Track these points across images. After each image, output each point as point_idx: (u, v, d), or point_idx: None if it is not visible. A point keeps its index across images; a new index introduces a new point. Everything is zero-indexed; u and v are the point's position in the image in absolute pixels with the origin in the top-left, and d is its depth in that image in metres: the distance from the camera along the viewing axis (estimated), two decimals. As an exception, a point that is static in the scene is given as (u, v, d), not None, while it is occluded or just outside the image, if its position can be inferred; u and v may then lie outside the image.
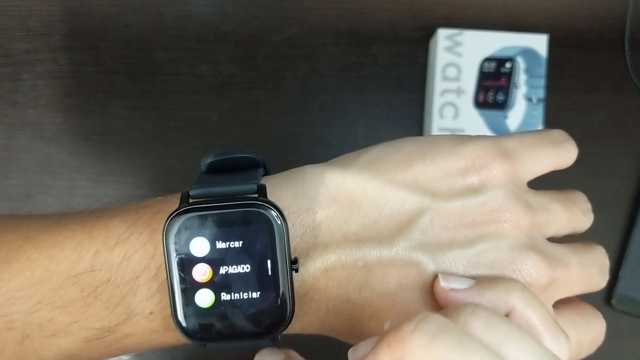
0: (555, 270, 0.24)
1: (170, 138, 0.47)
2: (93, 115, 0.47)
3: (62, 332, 0.24)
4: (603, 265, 0.26)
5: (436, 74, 0.44)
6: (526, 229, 0.24)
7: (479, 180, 0.24)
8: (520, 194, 0.24)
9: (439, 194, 0.24)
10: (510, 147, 0.25)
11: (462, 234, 0.24)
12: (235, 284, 0.22)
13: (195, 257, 0.22)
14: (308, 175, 0.25)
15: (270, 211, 0.22)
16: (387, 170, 0.24)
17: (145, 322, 0.24)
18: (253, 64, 0.47)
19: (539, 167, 0.26)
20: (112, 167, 0.47)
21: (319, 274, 0.24)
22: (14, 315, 0.23)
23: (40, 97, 0.47)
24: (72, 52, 0.47)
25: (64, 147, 0.47)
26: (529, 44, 0.44)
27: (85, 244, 0.24)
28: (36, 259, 0.24)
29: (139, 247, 0.24)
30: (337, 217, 0.24)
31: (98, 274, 0.23)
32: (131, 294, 0.23)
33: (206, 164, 0.25)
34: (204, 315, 0.23)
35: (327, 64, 0.47)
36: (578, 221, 0.26)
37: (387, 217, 0.24)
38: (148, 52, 0.47)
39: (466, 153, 0.24)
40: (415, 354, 0.18)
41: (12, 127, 0.46)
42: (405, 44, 0.47)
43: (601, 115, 0.48)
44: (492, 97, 0.44)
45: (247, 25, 0.47)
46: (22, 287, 0.23)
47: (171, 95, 0.47)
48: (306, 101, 0.47)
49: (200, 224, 0.22)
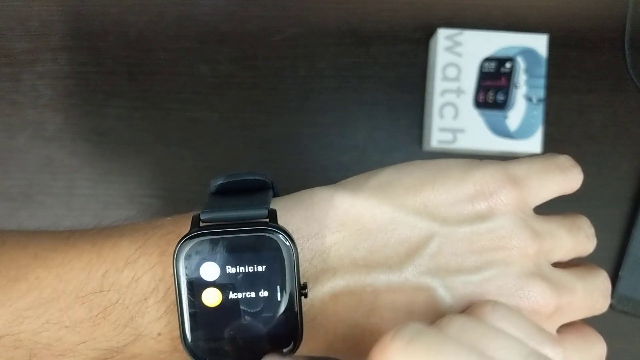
0: (561, 297, 0.24)
1: (170, 138, 0.47)
2: (93, 115, 0.47)
3: (70, 352, 0.24)
4: (606, 289, 0.26)
5: (436, 74, 0.44)
6: (533, 256, 0.24)
7: (487, 207, 0.24)
8: (527, 221, 0.25)
9: (448, 220, 0.24)
10: (518, 173, 0.25)
11: (470, 260, 0.24)
12: (245, 309, 0.22)
13: (205, 281, 0.22)
14: (317, 198, 0.25)
15: (281, 237, 0.22)
16: (397, 195, 0.24)
17: (152, 343, 0.24)
18: (253, 64, 0.47)
19: (547, 193, 0.26)
20: (112, 167, 0.47)
21: (327, 299, 0.24)
22: (22, 334, 0.23)
23: (40, 97, 0.47)
24: (72, 52, 0.47)
25: (64, 147, 0.46)
26: (529, 44, 0.44)
27: (94, 264, 0.24)
28: (45, 278, 0.24)
29: (148, 268, 0.24)
30: (346, 242, 0.24)
31: (107, 294, 0.24)
32: (140, 315, 0.24)
33: (216, 185, 0.25)
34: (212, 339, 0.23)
35: (327, 64, 0.47)
36: (583, 246, 0.26)
37: (396, 242, 0.24)
38: (148, 52, 0.47)
39: (475, 179, 0.24)
40: (394, 358, 0.18)
41: (12, 127, 0.46)
42: (405, 44, 0.47)
43: (601, 115, 0.48)
44: (492, 97, 0.44)
45: (247, 25, 0.47)
46: (31, 306, 0.23)
47: (171, 95, 0.47)
48: (306, 101, 0.47)
49: (211, 248, 0.22)
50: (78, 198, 0.47)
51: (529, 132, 0.44)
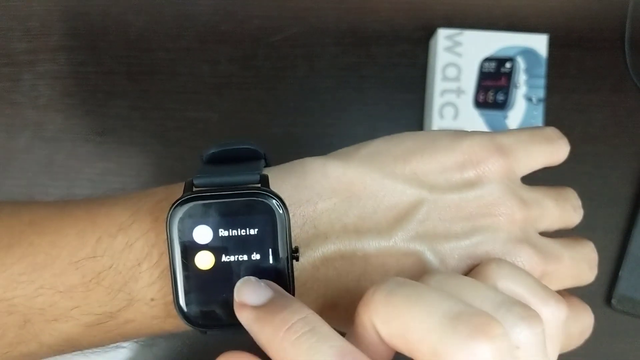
0: (548, 264, 0.25)
1: (170, 138, 0.47)
2: (93, 115, 0.47)
3: (63, 317, 0.24)
4: (592, 260, 0.27)
5: (436, 74, 0.44)
6: (520, 223, 0.25)
7: (475, 175, 0.25)
8: (515, 189, 0.25)
9: (437, 187, 0.25)
10: (506, 143, 0.26)
11: (458, 226, 0.24)
12: (237, 272, 0.22)
13: (198, 244, 0.22)
14: (309, 167, 0.25)
15: (273, 201, 0.22)
16: (386, 163, 0.25)
17: (146, 308, 0.24)
18: (253, 64, 0.47)
19: (533, 163, 0.26)
20: (112, 167, 0.47)
21: (318, 263, 0.24)
22: (16, 299, 0.24)
23: (40, 97, 0.47)
24: (72, 52, 0.47)
25: (64, 147, 0.47)
26: (529, 44, 0.44)
27: (88, 231, 0.24)
28: (38, 245, 0.24)
29: (141, 234, 0.24)
30: (337, 209, 0.24)
31: (100, 260, 0.24)
32: (133, 281, 0.24)
33: (209, 154, 0.25)
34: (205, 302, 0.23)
35: (327, 64, 0.47)
36: (569, 217, 0.27)
37: (385, 208, 0.24)
38: (148, 52, 0.47)
39: (464, 148, 0.25)
40: (377, 310, 0.19)
41: (12, 127, 0.46)
42: (405, 44, 0.47)
43: (601, 115, 0.48)
44: (492, 97, 0.44)
45: (247, 25, 0.47)
46: (24, 271, 0.24)
47: (171, 95, 0.47)
48: (306, 101, 0.47)
49: (204, 212, 0.22)
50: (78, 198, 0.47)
51: (529, 132, 0.44)
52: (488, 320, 0.18)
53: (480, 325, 0.17)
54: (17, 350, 0.25)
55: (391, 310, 0.19)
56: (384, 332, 0.19)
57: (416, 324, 0.18)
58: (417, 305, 0.18)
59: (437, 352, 0.17)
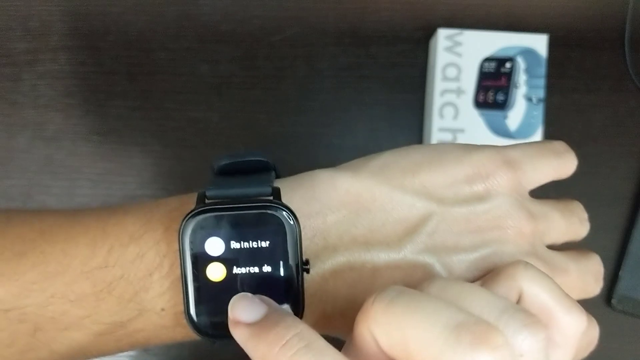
0: (555, 277, 0.24)
1: (170, 138, 0.47)
2: (93, 115, 0.47)
3: (74, 326, 0.24)
4: (598, 272, 0.27)
5: (436, 74, 0.44)
6: (528, 236, 0.25)
7: (484, 188, 0.25)
8: (523, 203, 0.25)
9: (445, 200, 0.25)
10: (514, 157, 0.26)
11: (467, 239, 0.24)
12: (248, 284, 0.23)
13: (209, 256, 0.22)
14: (318, 179, 0.25)
15: (284, 213, 0.22)
16: (395, 176, 0.25)
17: (156, 318, 0.24)
18: (253, 64, 0.47)
19: (541, 176, 0.26)
20: (112, 167, 0.47)
21: (328, 275, 0.24)
22: (28, 308, 0.24)
23: (40, 97, 0.47)
24: (72, 52, 0.47)
25: (64, 147, 0.47)
26: (529, 44, 0.44)
27: (99, 240, 0.24)
28: (50, 253, 0.24)
29: (153, 244, 0.24)
30: (347, 221, 0.24)
31: (111, 270, 0.24)
32: (144, 291, 0.24)
33: (220, 166, 0.25)
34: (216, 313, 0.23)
35: (327, 64, 0.47)
36: (576, 230, 0.27)
37: (394, 221, 0.24)
38: (148, 52, 0.47)
39: (472, 162, 0.25)
40: (377, 320, 0.19)
41: (12, 127, 0.46)
42: (405, 44, 0.47)
43: (601, 115, 0.48)
44: (492, 97, 0.44)
45: (247, 25, 0.47)
46: (36, 280, 0.24)
47: (171, 95, 0.47)
48: (306, 101, 0.47)
49: (216, 224, 0.22)
50: (78, 198, 0.47)
51: (528, 132, 0.44)
52: (489, 329, 0.18)
53: (481, 335, 0.17)
54: (26, 358, 0.25)
55: (391, 320, 0.19)
56: (383, 342, 0.19)
57: (417, 334, 0.18)
58: (418, 315, 0.18)
59: None
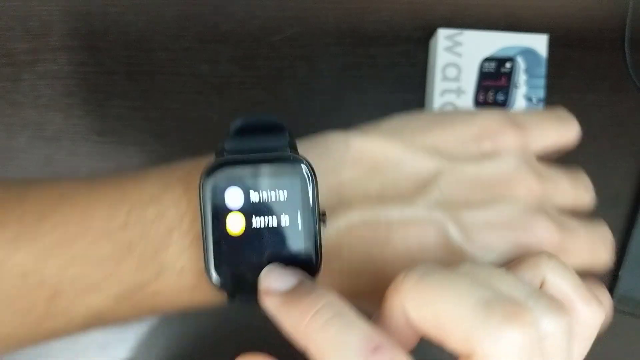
0: (565, 237, 0.25)
1: (170, 138, 0.47)
2: (93, 115, 0.47)
3: (94, 288, 0.24)
4: (608, 240, 0.27)
5: (436, 74, 0.44)
6: (537, 195, 0.25)
7: (492, 147, 0.26)
8: (530, 162, 0.26)
9: (455, 158, 0.25)
10: (520, 119, 0.27)
11: (477, 195, 0.25)
12: (267, 236, 0.23)
13: (229, 208, 0.22)
14: (331, 139, 0.26)
15: (302, 165, 0.23)
16: (407, 135, 0.26)
17: (175, 278, 0.24)
18: (253, 64, 0.47)
19: (547, 139, 0.27)
20: (112, 167, 0.47)
21: (343, 231, 0.24)
22: (47, 270, 0.24)
23: (40, 97, 0.47)
24: (72, 52, 0.47)
25: (64, 147, 0.47)
26: (529, 44, 0.44)
27: (119, 202, 0.24)
28: (70, 215, 0.24)
29: (172, 203, 0.24)
30: (360, 178, 0.25)
31: (132, 229, 0.24)
32: (164, 249, 0.24)
33: (236, 126, 0.25)
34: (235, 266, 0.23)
35: (327, 64, 0.47)
36: (581, 196, 0.28)
37: (407, 178, 0.25)
38: (148, 52, 0.47)
39: (480, 122, 0.26)
40: (407, 297, 0.19)
41: (12, 127, 0.46)
42: (405, 44, 0.47)
43: (601, 115, 0.48)
44: (492, 97, 0.44)
45: (247, 25, 0.47)
46: (56, 242, 0.24)
47: (171, 95, 0.47)
48: (306, 101, 0.47)
49: (236, 176, 0.22)
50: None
51: (529, 132, 0.44)
52: (520, 307, 0.18)
53: (512, 311, 0.18)
54: (43, 327, 0.25)
55: (423, 295, 0.19)
56: (414, 317, 0.19)
57: (449, 310, 0.18)
58: (450, 291, 0.19)
59: (469, 338, 0.18)
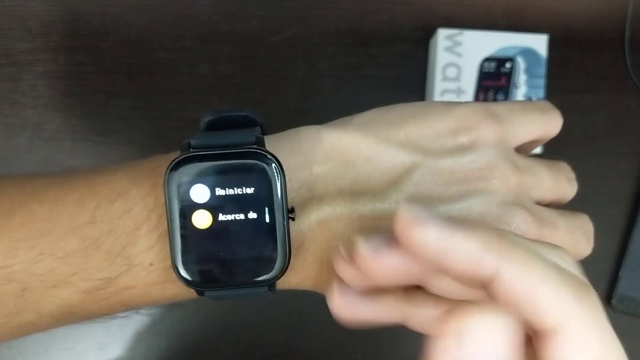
0: (543, 228, 0.25)
1: (170, 138, 0.47)
2: (93, 115, 0.47)
3: (62, 283, 0.24)
4: (588, 231, 0.27)
5: (436, 74, 0.44)
6: (514, 188, 0.25)
7: (468, 140, 0.25)
8: (508, 155, 0.25)
9: (431, 152, 0.25)
10: (499, 111, 0.26)
11: (452, 189, 0.24)
12: (234, 231, 0.23)
13: (195, 203, 0.22)
14: (303, 134, 0.26)
15: (268, 160, 0.23)
16: (381, 129, 0.25)
17: (145, 273, 0.24)
18: (253, 64, 0.47)
19: (526, 131, 0.27)
20: (112, 167, 0.47)
21: (314, 225, 0.24)
22: (15, 266, 0.24)
23: (40, 97, 0.47)
24: (72, 52, 0.47)
25: (64, 147, 0.46)
26: (529, 44, 0.44)
27: (87, 198, 0.24)
28: (38, 212, 0.24)
29: (140, 199, 0.24)
30: (332, 173, 0.25)
31: (99, 225, 0.24)
32: (131, 245, 0.24)
33: (206, 121, 0.25)
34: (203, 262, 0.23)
35: (327, 64, 0.47)
36: (563, 188, 0.27)
37: (380, 172, 0.25)
38: (148, 52, 0.47)
39: (457, 114, 0.25)
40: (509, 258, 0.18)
41: (12, 127, 0.46)
42: (405, 44, 0.47)
43: (601, 115, 0.48)
44: (492, 97, 0.44)
45: (247, 25, 0.47)
46: (24, 238, 0.24)
47: (171, 95, 0.47)
48: (306, 101, 0.47)
49: (201, 171, 0.22)
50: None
51: (529, 132, 0.44)
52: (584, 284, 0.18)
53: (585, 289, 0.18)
54: (16, 321, 0.25)
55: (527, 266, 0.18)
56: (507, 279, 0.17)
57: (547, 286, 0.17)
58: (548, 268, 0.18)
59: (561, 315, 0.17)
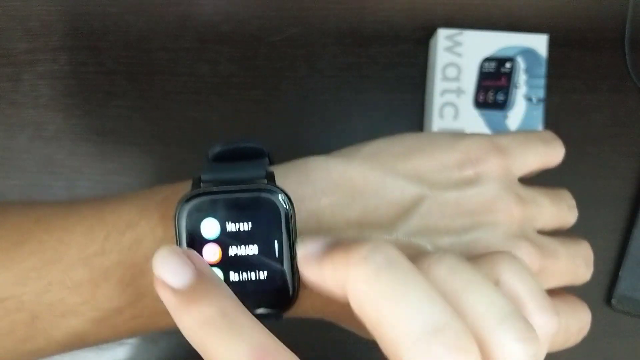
0: (546, 259, 0.25)
1: (170, 138, 0.47)
2: (93, 115, 0.47)
3: (71, 313, 0.24)
4: (588, 257, 0.27)
5: (436, 74, 0.44)
6: (518, 220, 0.25)
7: (474, 173, 0.25)
8: (512, 187, 0.26)
9: (437, 184, 0.25)
10: (503, 143, 0.26)
11: (458, 222, 0.25)
12: (244, 265, 0.23)
13: (205, 238, 0.23)
14: (311, 164, 0.26)
15: (279, 195, 0.23)
16: (388, 161, 0.26)
17: (154, 303, 0.24)
18: (253, 64, 0.47)
19: (530, 163, 0.27)
20: (112, 167, 0.47)
21: None
22: (25, 296, 0.24)
23: (40, 97, 0.47)
24: (72, 52, 0.47)
25: (64, 147, 0.46)
26: (529, 44, 0.44)
27: (96, 228, 0.24)
28: (47, 241, 0.24)
29: (149, 230, 0.24)
30: (340, 204, 0.25)
31: (108, 256, 0.24)
32: (141, 276, 0.24)
33: (214, 152, 0.26)
34: None
35: (327, 64, 0.47)
36: (564, 216, 0.28)
37: (387, 204, 0.25)
38: (148, 52, 0.47)
39: (462, 148, 0.26)
40: (355, 283, 0.18)
41: (12, 127, 0.46)
42: (405, 44, 0.47)
43: (601, 115, 0.48)
44: (492, 97, 0.44)
45: (247, 25, 0.47)
46: (33, 268, 0.24)
47: (171, 95, 0.47)
48: (306, 101, 0.47)
49: (212, 206, 0.23)
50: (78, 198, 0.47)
51: (529, 132, 0.44)
52: (467, 345, 0.17)
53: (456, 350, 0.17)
54: (25, 348, 0.25)
55: (372, 290, 0.18)
56: (354, 303, 0.18)
57: (392, 320, 0.17)
58: (401, 303, 0.17)
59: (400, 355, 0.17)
